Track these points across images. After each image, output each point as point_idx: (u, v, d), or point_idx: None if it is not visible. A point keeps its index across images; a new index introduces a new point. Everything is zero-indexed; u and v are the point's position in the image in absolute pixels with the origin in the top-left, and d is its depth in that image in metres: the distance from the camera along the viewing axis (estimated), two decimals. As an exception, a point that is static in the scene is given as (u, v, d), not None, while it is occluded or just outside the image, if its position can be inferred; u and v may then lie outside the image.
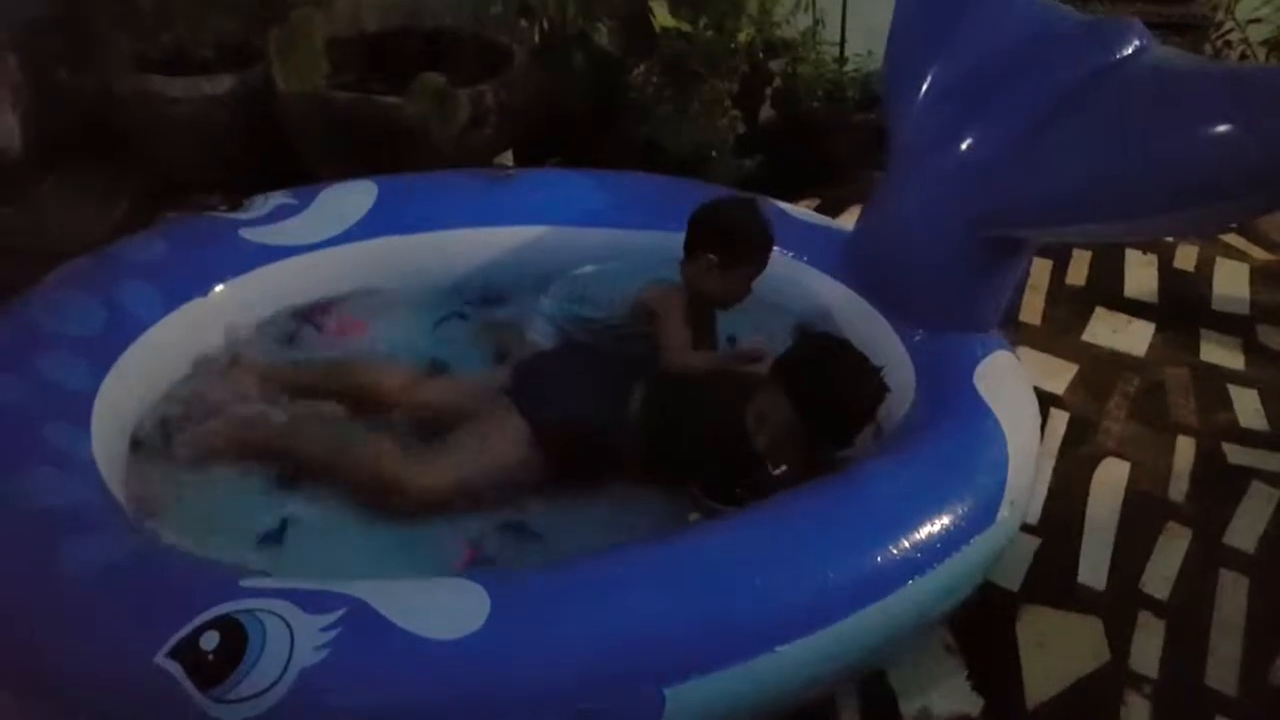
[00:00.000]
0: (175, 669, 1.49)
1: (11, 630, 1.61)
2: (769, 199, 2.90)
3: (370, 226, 2.73)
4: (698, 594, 1.77)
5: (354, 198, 2.77)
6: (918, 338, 2.48)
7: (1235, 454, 2.88)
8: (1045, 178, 2.23)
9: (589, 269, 2.73)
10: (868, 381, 2.24)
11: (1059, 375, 3.13)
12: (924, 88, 2.44)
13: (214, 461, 2.25)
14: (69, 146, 3.74)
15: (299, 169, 3.33)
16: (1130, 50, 2.18)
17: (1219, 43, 4.56)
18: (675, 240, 2.55)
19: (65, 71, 3.68)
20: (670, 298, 2.52)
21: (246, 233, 2.60)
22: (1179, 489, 2.73)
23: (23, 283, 2.33)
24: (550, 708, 1.62)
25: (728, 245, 2.47)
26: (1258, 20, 4.52)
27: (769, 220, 2.53)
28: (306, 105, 3.41)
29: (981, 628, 2.24)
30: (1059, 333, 3.36)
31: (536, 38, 3.91)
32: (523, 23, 3.96)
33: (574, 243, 2.84)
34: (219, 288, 2.51)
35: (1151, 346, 3.32)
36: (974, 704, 2.10)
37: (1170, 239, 3.91)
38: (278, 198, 2.72)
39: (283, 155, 3.55)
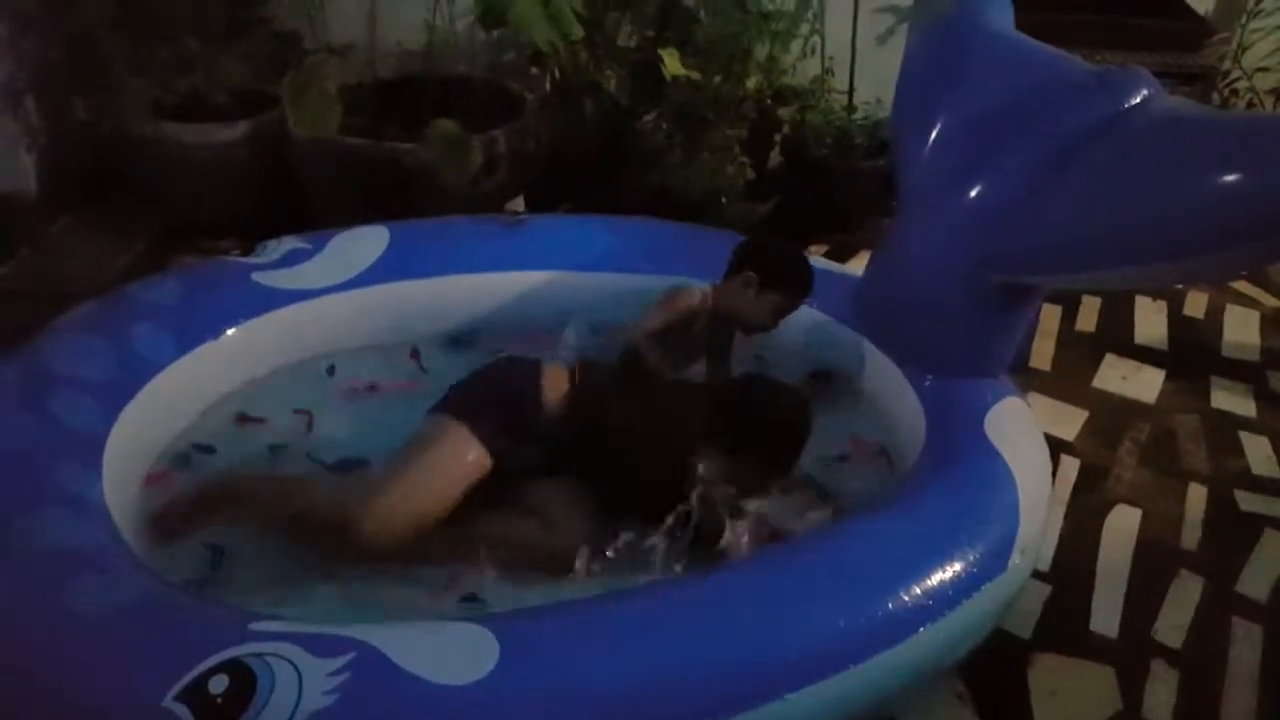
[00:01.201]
0: (184, 712, 1.48)
1: (21, 671, 1.61)
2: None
3: (382, 271, 2.74)
4: (708, 639, 1.76)
5: (366, 243, 2.78)
6: (927, 383, 2.48)
7: (1247, 501, 2.86)
8: (1052, 225, 2.23)
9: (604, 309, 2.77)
10: (800, 407, 2.34)
11: (1069, 422, 3.12)
12: (932, 135, 2.45)
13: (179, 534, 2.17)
14: (84, 189, 3.77)
15: (312, 214, 3.35)
16: (1138, 99, 2.20)
17: (1226, 92, 4.59)
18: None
19: (82, 115, 3.72)
20: (684, 291, 2.56)
21: (259, 277, 2.61)
22: (1191, 536, 2.72)
23: (36, 324, 2.34)
24: (558, 753, 1.61)
25: (773, 267, 2.56)
26: (1265, 69, 4.55)
27: (809, 264, 2.62)
28: (320, 151, 3.43)
29: (993, 676, 2.23)
30: (1069, 379, 3.35)
31: (548, 85, 3.94)
32: (535, 70, 4.00)
33: (585, 288, 2.85)
34: (230, 331, 2.52)
35: (1162, 393, 3.31)
36: (986, 753, 2.09)
37: (1180, 286, 3.92)
38: (290, 242, 2.74)
39: (296, 200, 3.58)
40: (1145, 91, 2.20)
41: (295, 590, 2.05)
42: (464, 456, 2.17)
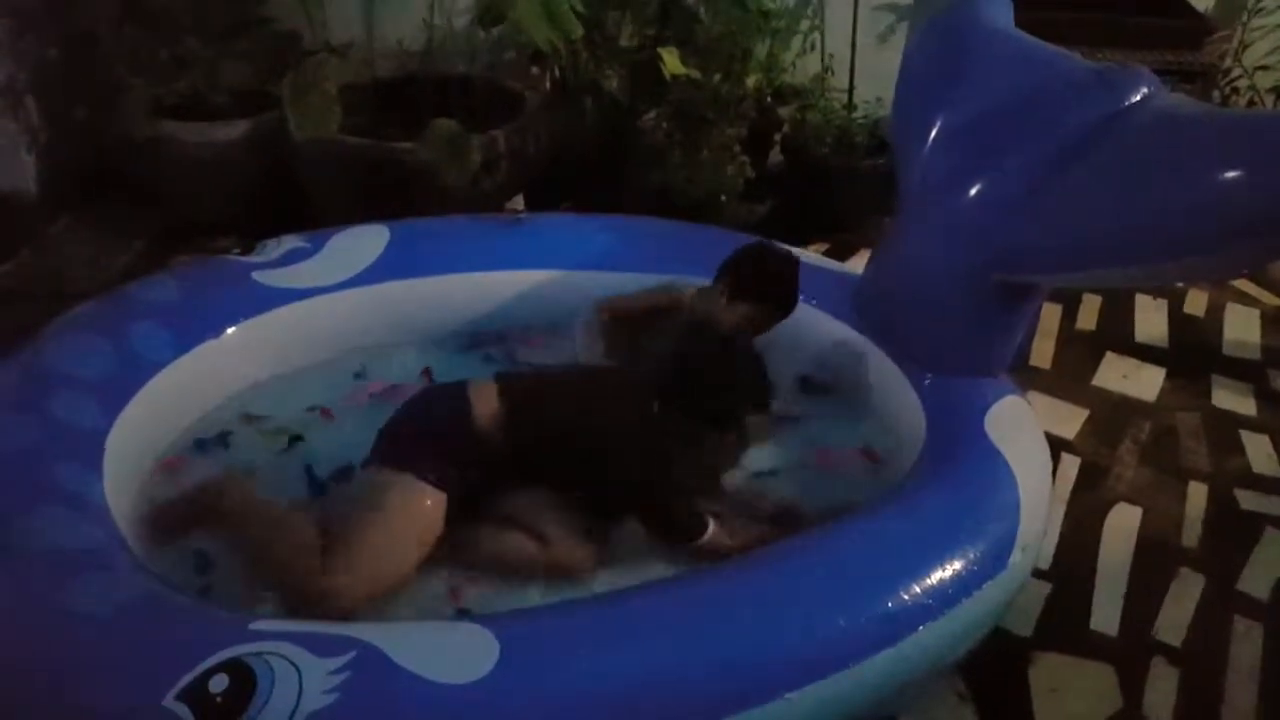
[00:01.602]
0: (184, 712, 1.48)
1: (21, 671, 1.61)
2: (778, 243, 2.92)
3: (382, 270, 2.73)
4: (708, 639, 1.76)
5: (366, 241, 2.78)
6: (927, 382, 2.48)
7: (1247, 500, 2.86)
8: (1053, 223, 2.23)
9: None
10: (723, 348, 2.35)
11: (1070, 420, 3.12)
12: (932, 133, 2.44)
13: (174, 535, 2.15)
14: (84, 189, 3.77)
15: (312, 214, 3.35)
16: (1139, 97, 2.19)
17: (1227, 90, 4.59)
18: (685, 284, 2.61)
19: (82, 115, 3.72)
20: (666, 284, 2.62)
21: (259, 276, 2.61)
22: (1191, 535, 2.72)
23: (36, 323, 2.34)
24: (558, 752, 1.61)
25: (746, 279, 2.53)
26: (1265, 68, 4.55)
27: (795, 282, 2.58)
28: (320, 151, 3.43)
29: (994, 675, 2.23)
30: (1069, 377, 3.35)
31: (548, 84, 3.95)
32: (535, 70, 4.00)
33: (585, 287, 2.84)
34: (230, 330, 2.52)
35: (1162, 391, 3.31)
36: (987, 752, 2.09)
37: (1181, 284, 3.92)
38: (290, 241, 2.74)
39: (296, 200, 3.58)
40: (1145, 89, 2.20)
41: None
42: (420, 506, 2.08)
